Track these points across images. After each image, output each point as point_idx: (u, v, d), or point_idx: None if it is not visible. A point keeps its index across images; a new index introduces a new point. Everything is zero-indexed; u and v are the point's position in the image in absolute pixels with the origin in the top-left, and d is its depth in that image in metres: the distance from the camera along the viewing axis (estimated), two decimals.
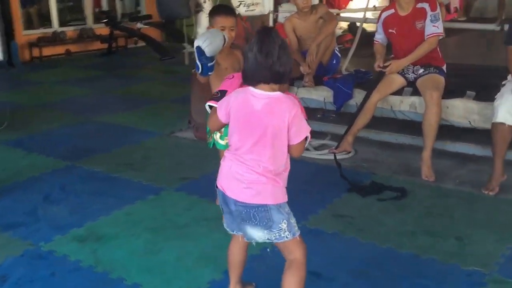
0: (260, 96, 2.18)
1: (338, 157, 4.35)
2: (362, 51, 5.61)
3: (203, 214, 3.54)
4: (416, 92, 4.31)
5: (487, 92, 4.12)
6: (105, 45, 10.71)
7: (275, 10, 5.42)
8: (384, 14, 4.43)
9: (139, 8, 12.31)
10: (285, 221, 2.23)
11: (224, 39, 3.12)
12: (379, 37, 4.50)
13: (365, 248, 3.12)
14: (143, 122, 5.71)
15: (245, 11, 5.26)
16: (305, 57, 4.80)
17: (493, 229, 3.32)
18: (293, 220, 2.27)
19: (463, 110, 4.16)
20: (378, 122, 4.51)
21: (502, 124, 3.76)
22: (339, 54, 5.10)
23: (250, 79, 2.21)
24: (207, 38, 3.03)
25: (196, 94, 5.01)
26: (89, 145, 4.98)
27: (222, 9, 3.39)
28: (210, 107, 2.50)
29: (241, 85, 2.37)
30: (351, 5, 10.39)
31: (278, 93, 2.19)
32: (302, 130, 2.20)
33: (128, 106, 6.44)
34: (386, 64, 4.28)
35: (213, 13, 3.38)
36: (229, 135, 2.28)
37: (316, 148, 4.72)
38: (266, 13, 5.42)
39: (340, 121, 4.76)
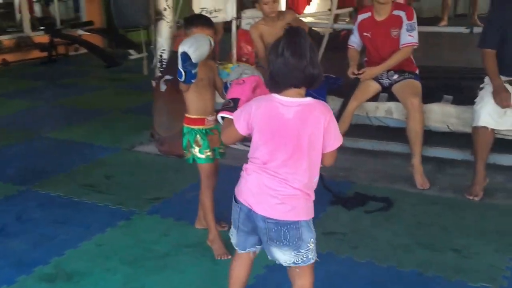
0: (290, 104, 2.03)
1: None
2: (327, 56, 5.46)
3: (183, 240, 3.26)
4: (391, 98, 4.19)
5: (464, 96, 4.05)
6: (45, 54, 10.16)
7: (238, 16, 5.17)
8: (360, 17, 4.30)
9: (79, 14, 11.75)
10: (312, 239, 2.11)
11: (210, 44, 2.88)
12: (354, 41, 4.35)
13: (364, 268, 2.93)
14: (98, 137, 5.33)
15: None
16: None
17: (488, 238, 3.22)
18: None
19: (441, 115, 4.09)
20: (352, 129, 4.34)
21: (484, 128, 3.68)
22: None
23: (280, 84, 2.04)
24: (193, 43, 2.78)
25: (159, 106, 4.71)
26: (43, 165, 4.58)
27: (200, 21, 3.12)
28: (222, 117, 2.30)
29: (253, 91, 2.30)
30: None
31: (309, 98, 2.05)
32: (337, 136, 2.08)
33: (78, 119, 6.02)
34: (360, 72, 4.13)
35: (189, 24, 3.11)
36: (254, 148, 2.10)
37: None
38: (229, 19, 5.16)
39: None
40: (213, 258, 3.04)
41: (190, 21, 3.19)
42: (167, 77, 4.64)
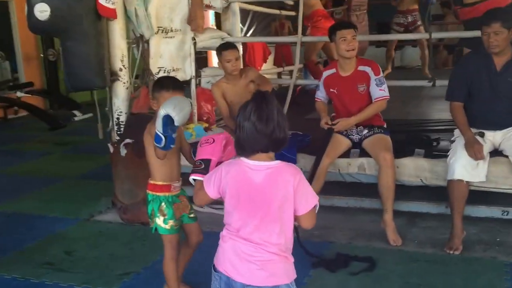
0: (259, 168, 2.02)
1: None
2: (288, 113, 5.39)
3: None
4: (363, 153, 4.13)
5: (435, 149, 4.06)
6: None
7: (198, 75, 5.06)
8: (326, 73, 4.29)
9: (16, 75, 11.37)
10: None
11: (191, 106, 2.70)
12: (321, 96, 4.34)
13: None
14: (51, 207, 5.01)
15: None
16: None
17: None
18: None
19: (413, 169, 4.04)
20: (324, 187, 4.23)
21: (460, 181, 3.65)
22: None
23: (247, 149, 2.02)
24: (176, 105, 2.60)
25: (119, 172, 4.48)
26: None
27: (171, 83, 2.94)
28: (194, 179, 2.27)
29: (223, 149, 2.30)
30: None
31: (278, 161, 2.04)
32: (309, 198, 2.05)
33: (26, 189, 5.66)
34: (334, 122, 4.09)
35: (159, 87, 2.93)
36: (226, 214, 2.09)
37: None
38: (188, 78, 5.03)
39: None
40: None
41: (160, 84, 3.01)
42: (128, 140, 4.44)
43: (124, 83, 4.67)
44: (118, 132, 4.73)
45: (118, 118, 4.71)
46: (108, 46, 4.57)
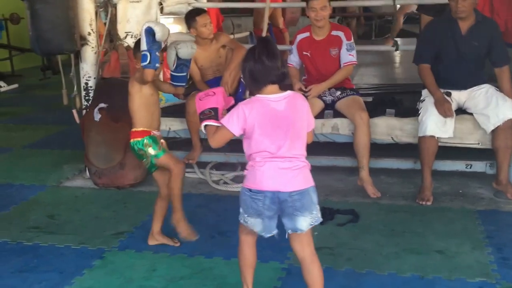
0: (278, 99, 2.43)
1: None
2: None
3: (175, 272, 3.10)
4: (336, 114, 4.34)
5: (404, 109, 4.34)
6: None
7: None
8: (299, 37, 4.43)
9: None
10: (317, 201, 2.52)
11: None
12: (294, 60, 4.49)
13: (369, 278, 3.01)
14: (13, 175, 4.87)
15: (133, 42, 4.77)
16: (210, 87, 4.51)
17: (460, 238, 3.44)
18: None
19: (385, 128, 4.28)
20: None
21: (432, 137, 3.95)
22: (243, 81, 4.91)
23: (260, 83, 2.42)
24: (157, 24, 2.99)
25: (93, 137, 4.42)
26: None
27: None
28: (206, 126, 2.57)
29: (224, 99, 2.62)
30: None
31: (288, 91, 2.47)
32: (313, 118, 2.60)
33: None
34: (306, 90, 4.25)
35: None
36: (256, 143, 2.43)
37: (234, 180, 4.50)
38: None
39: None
40: (217, 284, 2.96)
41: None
42: (102, 105, 4.40)
43: (92, 47, 4.59)
44: (86, 98, 4.66)
45: (86, 83, 4.63)
46: (76, 10, 4.47)
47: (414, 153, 4.19)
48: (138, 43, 3.19)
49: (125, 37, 4.73)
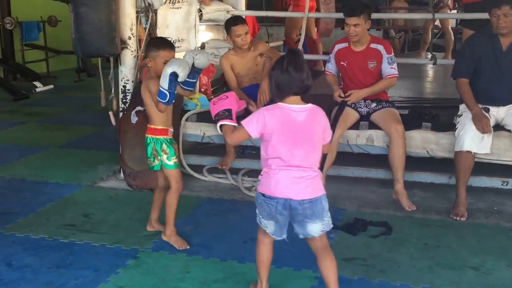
0: (299, 110, 2.57)
1: None
2: None
3: (208, 275, 3.13)
4: (371, 126, 4.34)
5: (441, 123, 4.32)
6: None
7: (201, 46, 5.10)
8: (338, 46, 4.45)
9: None
10: (328, 208, 2.64)
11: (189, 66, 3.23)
12: (331, 68, 4.53)
13: None
14: (49, 174, 4.95)
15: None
16: (247, 94, 4.56)
17: (495, 255, 3.40)
18: None
19: (421, 141, 4.27)
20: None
21: (468, 152, 3.93)
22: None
23: (284, 93, 2.56)
24: (180, 64, 3.11)
25: (130, 139, 4.48)
26: (3, 206, 4.15)
27: (167, 43, 3.47)
28: (222, 125, 2.83)
29: (237, 102, 2.85)
30: None
31: (310, 104, 2.61)
32: (330, 131, 2.74)
33: (13, 156, 5.53)
34: (347, 94, 4.27)
35: (156, 47, 3.39)
36: (271, 148, 2.56)
37: (249, 189, 4.51)
38: (192, 49, 5.07)
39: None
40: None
41: (156, 44, 3.45)
42: (139, 108, 4.45)
43: (132, 51, 4.66)
44: (124, 100, 4.73)
45: (124, 86, 4.70)
46: (118, 14, 4.55)
47: (449, 168, 4.17)
48: (152, 43, 3.52)
49: None
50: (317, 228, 2.59)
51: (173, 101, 3.27)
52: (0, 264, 3.25)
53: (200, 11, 4.99)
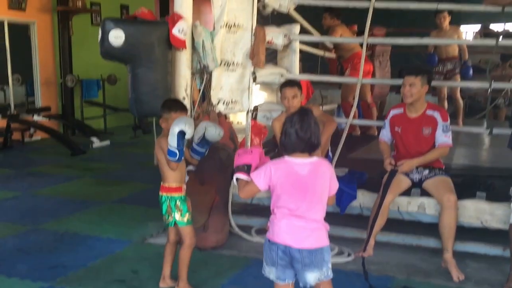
0: (303, 163, 2.69)
1: (340, 260, 4.18)
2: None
3: None
4: (423, 193, 4.29)
5: (495, 193, 4.23)
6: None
7: (255, 108, 5.21)
8: (393, 112, 4.47)
9: (31, 99, 11.41)
10: (330, 259, 2.74)
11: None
12: (385, 135, 4.53)
13: None
14: (101, 229, 5.07)
15: (224, 109, 4.98)
16: None
17: None
18: None
19: (474, 211, 4.18)
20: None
21: None
22: (331, 154, 4.98)
23: (289, 149, 2.70)
24: (186, 122, 3.33)
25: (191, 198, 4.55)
26: (55, 260, 4.27)
27: (179, 106, 3.68)
28: (237, 179, 2.84)
29: (260, 158, 2.87)
30: None
31: (315, 158, 2.73)
32: (335, 183, 2.79)
33: (66, 210, 5.71)
34: (398, 164, 4.25)
35: (169, 109, 3.62)
36: (278, 199, 2.70)
37: None
38: (245, 111, 5.19)
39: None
40: None
41: (168, 106, 3.64)
42: (190, 167, 4.55)
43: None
44: None
45: None
46: (174, 75, 4.71)
47: (503, 239, 4.04)
48: (165, 105, 3.68)
49: (218, 103, 4.93)
50: (314, 277, 2.69)
51: (182, 158, 3.42)
52: None
53: (254, 73, 5.11)
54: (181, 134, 3.31)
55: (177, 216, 3.57)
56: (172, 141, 3.32)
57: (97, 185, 6.97)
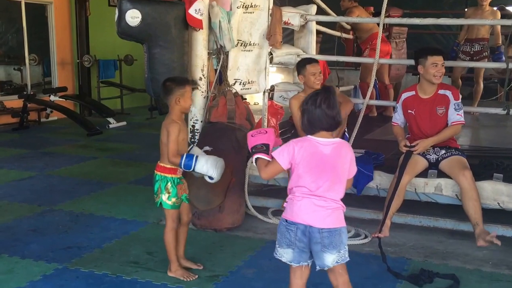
0: (326, 143, 2.68)
1: (356, 242, 4.16)
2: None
3: None
4: (440, 174, 4.23)
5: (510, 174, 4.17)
6: (15, 120, 9.80)
7: (271, 89, 5.17)
8: (404, 95, 4.43)
9: (48, 79, 11.46)
10: (346, 242, 2.73)
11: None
12: (398, 119, 4.49)
13: None
14: (116, 209, 5.08)
15: (241, 89, 4.94)
16: None
17: None
18: None
19: (491, 192, 4.13)
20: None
21: None
22: (347, 135, 4.94)
23: (316, 127, 2.67)
24: (219, 167, 3.54)
25: (195, 179, 4.48)
26: (70, 240, 4.28)
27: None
28: (257, 158, 2.81)
29: (274, 138, 2.85)
30: None
31: (337, 139, 2.74)
32: (355, 167, 2.79)
33: (83, 190, 5.73)
34: (413, 144, 4.20)
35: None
36: (298, 178, 2.67)
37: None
38: (262, 91, 5.14)
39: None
40: None
41: (180, 81, 3.63)
42: (206, 148, 4.52)
43: (202, 92, 4.77)
44: (192, 140, 4.82)
45: (193, 126, 4.80)
46: (190, 55, 4.68)
47: None
48: (175, 80, 3.64)
49: (234, 83, 4.89)
50: (332, 259, 2.67)
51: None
52: None
53: (271, 54, 5.05)
54: (208, 178, 3.56)
55: (163, 197, 3.55)
56: (200, 169, 3.47)
57: (113, 165, 6.99)
